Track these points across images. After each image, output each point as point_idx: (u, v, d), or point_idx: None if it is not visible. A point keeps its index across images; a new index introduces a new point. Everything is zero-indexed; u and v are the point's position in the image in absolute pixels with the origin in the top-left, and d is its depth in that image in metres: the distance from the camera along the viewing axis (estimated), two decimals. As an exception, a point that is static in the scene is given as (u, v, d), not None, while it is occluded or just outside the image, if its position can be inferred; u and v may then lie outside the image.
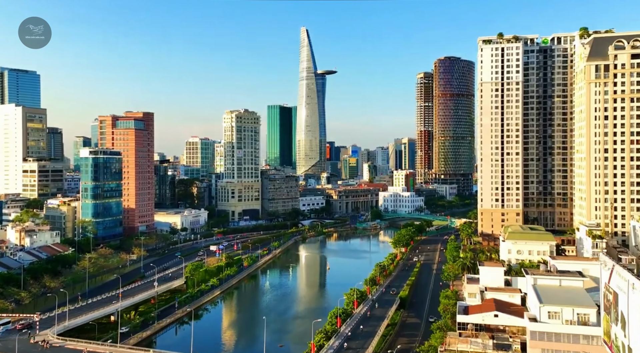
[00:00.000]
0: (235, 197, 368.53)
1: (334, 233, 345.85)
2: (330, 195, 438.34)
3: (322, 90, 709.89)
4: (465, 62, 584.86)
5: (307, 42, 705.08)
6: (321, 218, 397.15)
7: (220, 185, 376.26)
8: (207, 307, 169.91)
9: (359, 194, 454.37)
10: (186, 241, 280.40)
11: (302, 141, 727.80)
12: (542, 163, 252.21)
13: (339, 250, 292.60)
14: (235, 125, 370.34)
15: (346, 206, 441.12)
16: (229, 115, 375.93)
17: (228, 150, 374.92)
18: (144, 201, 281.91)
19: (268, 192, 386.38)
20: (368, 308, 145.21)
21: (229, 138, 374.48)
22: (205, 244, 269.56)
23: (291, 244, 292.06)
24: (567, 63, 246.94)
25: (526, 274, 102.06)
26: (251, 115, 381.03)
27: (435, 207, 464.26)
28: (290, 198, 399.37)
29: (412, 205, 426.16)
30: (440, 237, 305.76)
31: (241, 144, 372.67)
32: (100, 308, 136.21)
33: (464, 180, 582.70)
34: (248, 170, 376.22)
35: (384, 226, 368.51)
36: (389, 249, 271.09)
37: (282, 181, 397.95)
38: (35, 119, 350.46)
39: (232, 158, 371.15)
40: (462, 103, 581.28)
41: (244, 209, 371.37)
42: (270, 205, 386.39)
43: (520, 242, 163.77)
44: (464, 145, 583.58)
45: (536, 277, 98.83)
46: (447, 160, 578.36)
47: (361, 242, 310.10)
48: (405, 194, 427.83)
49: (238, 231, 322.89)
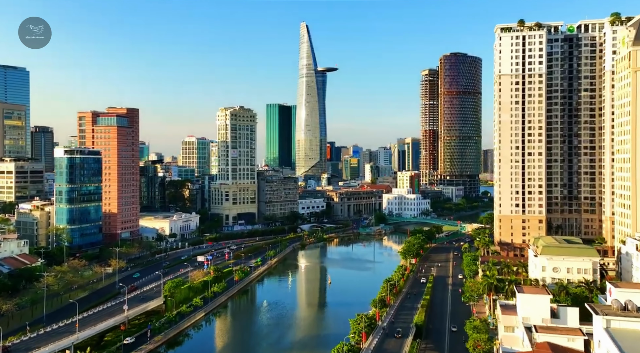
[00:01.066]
0: (230, 200, 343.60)
1: (335, 238, 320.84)
2: (331, 197, 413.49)
3: (322, 88, 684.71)
4: (472, 58, 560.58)
5: (307, 38, 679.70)
6: (321, 223, 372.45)
7: (213, 187, 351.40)
8: (189, 332, 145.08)
9: (362, 197, 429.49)
10: (173, 249, 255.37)
11: (301, 141, 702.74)
12: (567, 164, 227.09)
13: (341, 259, 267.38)
14: (229, 123, 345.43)
15: (348, 209, 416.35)
16: (223, 112, 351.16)
17: (222, 150, 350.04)
18: (127, 205, 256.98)
19: (265, 195, 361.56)
20: (379, 340, 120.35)
21: (223, 137, 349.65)
22: (194, 252, 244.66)
23: (289, 252, 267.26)
24: (595, 53, 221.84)
25: (595, 313, 77.15)
26: (247, 113, 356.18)
27: (442, 210, 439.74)
28: (289, 201, 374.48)
29: (418, 208, 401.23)
30: (451, 244, 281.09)
31: (236, 143, 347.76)
32: (51, 342, 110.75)
33: (471, 181, 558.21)
34: (243, 171, 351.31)
35: (389, 231, 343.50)
36: (395, 258, 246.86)
37: (280, 183, 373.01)
38: (14, 115, 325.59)
39: (227, 158, 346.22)
40: (468, 101, 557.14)
41: (238, 213, 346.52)
42: (268, 208, 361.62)
43: (557, 257, 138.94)
44: (470, 145, 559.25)
45: (609, 319, 74.25)
46: (453, 161, 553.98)
47: (365, 250, 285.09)
48: (411, 197, 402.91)
49: (231, 237, 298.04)
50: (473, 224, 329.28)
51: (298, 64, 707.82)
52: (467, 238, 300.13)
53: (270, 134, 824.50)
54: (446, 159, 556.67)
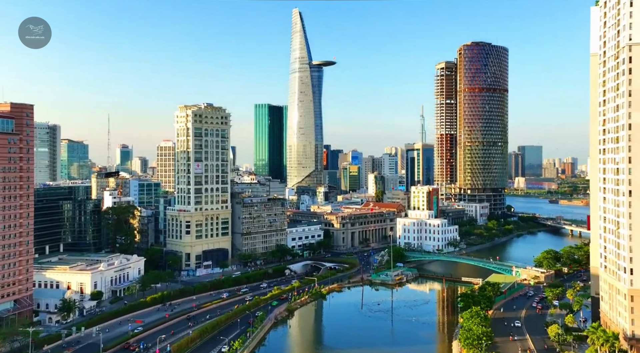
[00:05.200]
0: (192, 233, 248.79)
1: (338, 290, 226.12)
2: (331, 222, 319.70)
3: (318, 84, 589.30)
4: (498, 49, 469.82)
5: (300, 27, 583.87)
6: (318, 259, 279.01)
7: (170, 214, 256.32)
8: None
9: (369, 220, 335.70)
10: (90, 323, 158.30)
11: (294, 146, 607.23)
12: None
13: (351, 348, 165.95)
14: (192, 127, 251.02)
15: (352, 237, 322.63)
16: (183, 111, 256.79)
17: (182, 163, 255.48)
18: (8, 252, 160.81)
19: (242, 224, 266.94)
20: None
21: (183, 145, 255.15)
22: (115, 334, 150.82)
23: (268, 328, 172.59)
24: None
25: None
26: (217, 113, 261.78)
27: (468, 236, 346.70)
28: (274, 232, 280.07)
29: (443, 237, 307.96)
30: (517, 309, 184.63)
31: (201, 155, 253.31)
32: None
33: (495, 196, 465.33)
34: (211, 193, 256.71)
35: (412, 276, 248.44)
36: (435, 334, 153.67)
37: (263, 207, 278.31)
38: None
39: (187, 175, 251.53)
40: (494, 100, 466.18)
41: (205, 250, 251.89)
42: (245, 242, 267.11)
43: None
44: (495, 152, 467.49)
45: None
46: (475, 172, 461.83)
47: (384, 320, 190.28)
48: (434, 223, 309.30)
49: (187, 294, 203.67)
50: (529, 268, 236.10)
51: (290, 58, 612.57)
52: (530, 291, 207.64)
53: (259, 137, 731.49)
54: (466, 170, 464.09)
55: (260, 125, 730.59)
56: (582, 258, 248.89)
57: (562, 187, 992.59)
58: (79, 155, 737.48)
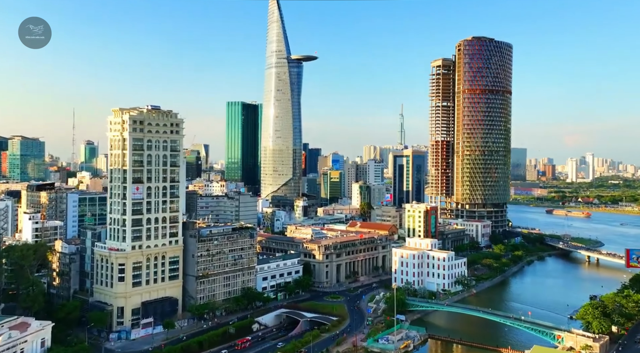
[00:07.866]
0: (127, 280, 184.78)
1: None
2: (311, 252, 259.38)
3: (297, 82, 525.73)
4: (502, 45, 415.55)
5: (277, 16, 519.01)
6: (295, 306, 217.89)
7: (98, 253, 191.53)
8: None
9: (358, 248, 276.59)
10: None
11: (269, 149, 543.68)
12: None
13: None
14: (129, 138, 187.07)
15: (337, 270, 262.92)
16: (118, 116, 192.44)
17: (116, 185, 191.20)
18: None
19: (197, 264, 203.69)
20: None
21: (117, 161, 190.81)
22: None
23: None
24: None
25: None
26: (164, 119, 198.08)
27: (475, 266, 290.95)
28: (240, 271, 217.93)
29: (450, 273, 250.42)
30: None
31: (142, 174, 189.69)
32: None
33: (497, 213, 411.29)
34: (155, 225, 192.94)
35: (420, 340, 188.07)
36: None
37: (226, 240, 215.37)
38: None
39: (123, 201, 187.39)
40: (496, 102, 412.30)
41: (145, 301, 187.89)
42: (201, 288, 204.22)
43: None
44: (497, 162, 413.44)
45: None
46: (475, 184, 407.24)
47: None
48: (439, 257, 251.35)
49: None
50: (575, 332, 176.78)
51: (266, 51, 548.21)
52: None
53: (232, 138, 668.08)
54: (465, 182, 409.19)
55: (233, 124, 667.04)
56: (633, 311, 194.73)
57: (550, 193, 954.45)
58: (34, 153, 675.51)
